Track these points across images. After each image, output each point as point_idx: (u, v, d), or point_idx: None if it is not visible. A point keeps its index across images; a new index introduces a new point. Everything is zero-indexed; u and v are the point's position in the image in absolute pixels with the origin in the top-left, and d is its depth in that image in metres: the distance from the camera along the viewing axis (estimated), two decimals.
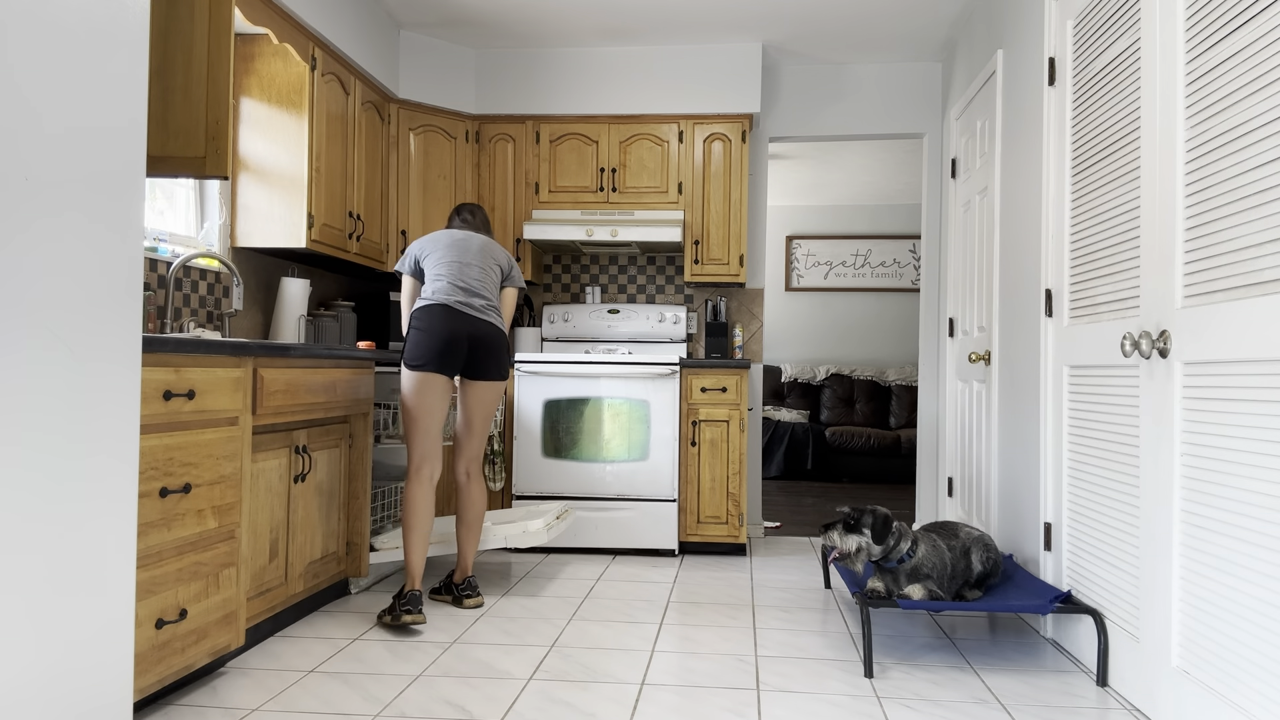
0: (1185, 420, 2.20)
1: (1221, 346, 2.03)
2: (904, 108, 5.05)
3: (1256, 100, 1.93)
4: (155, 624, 2.24)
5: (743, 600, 3.58)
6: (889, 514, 2.94)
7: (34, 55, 1.57)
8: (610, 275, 5.20)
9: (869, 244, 8.67)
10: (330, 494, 3.29)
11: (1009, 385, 3.58)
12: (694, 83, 4.76)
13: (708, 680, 2.64)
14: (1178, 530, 2.23)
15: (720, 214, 4.77)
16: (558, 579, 3.89)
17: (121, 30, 1.78)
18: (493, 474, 4.42)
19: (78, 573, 1.69)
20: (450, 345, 3.24)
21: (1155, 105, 2.37)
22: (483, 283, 3.37)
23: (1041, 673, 2.75)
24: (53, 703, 1.64)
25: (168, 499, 2.28)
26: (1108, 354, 2.65)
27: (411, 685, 2.56)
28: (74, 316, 1.67)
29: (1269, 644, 1.86)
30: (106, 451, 1.76)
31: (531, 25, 4.55)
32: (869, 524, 2.90)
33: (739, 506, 4.39)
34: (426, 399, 3.25)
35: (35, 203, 1.58)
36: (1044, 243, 3.17)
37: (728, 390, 4.40)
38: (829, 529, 2.96)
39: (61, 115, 1.64)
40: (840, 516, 2.96)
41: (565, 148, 4.84)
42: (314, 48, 3.76)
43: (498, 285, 3.46)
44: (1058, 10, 3.14)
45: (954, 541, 3.00)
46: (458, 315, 3.26)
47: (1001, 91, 3.73)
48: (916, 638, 3.10)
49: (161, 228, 3.45)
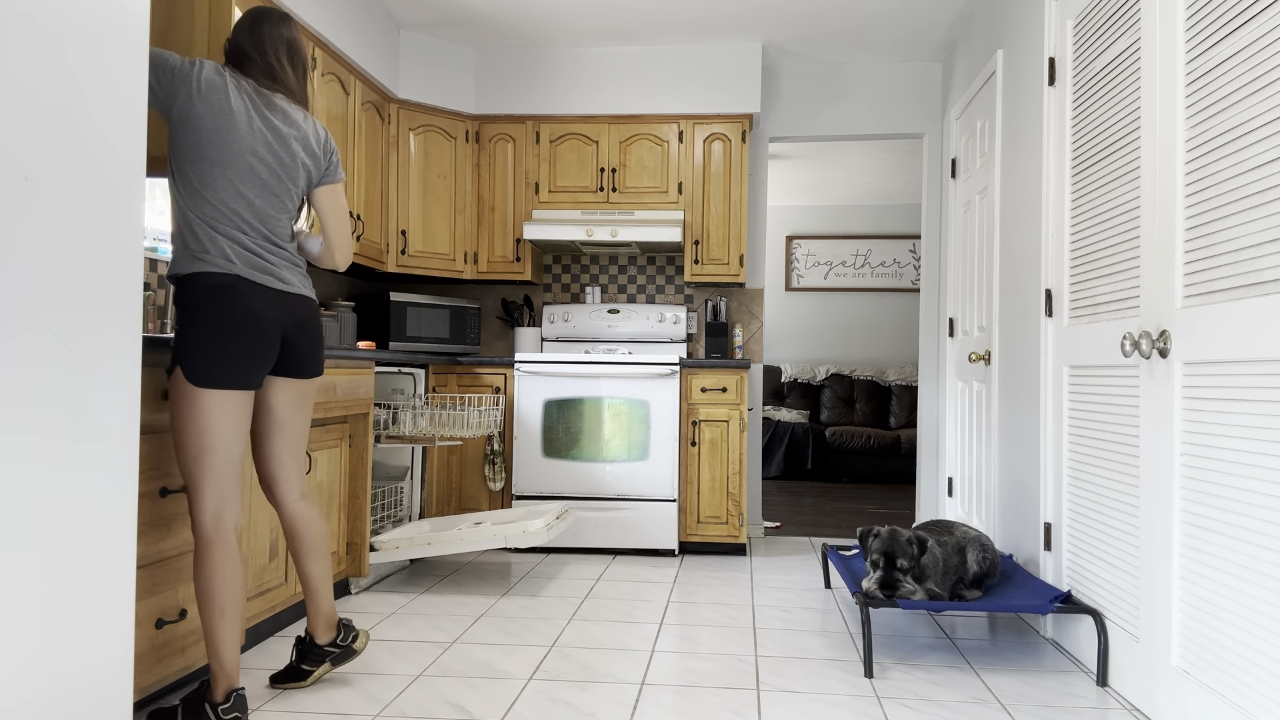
0: (1185, 420, 2.20)
1: (1221, 346, 2.03)
2: (904, 108, 5.05)
3: (1256, 100, 1.93)
4: (155, 624, 2.24)
5: (743, 600, 3.58)
6: (921, 536, 2.89)
7: (34, 55, 1.57)
8: (610, 275, 5.20)
9: (869, 244, 8.67)
10: (330, 494, 3.29)
11: (1009, 385, 3.58)
12: (694, 83, 4.76)
13: (708, 680, 2.64)
14: (1178, 530, 2.23)
15: (720, 214, 4.77)
16: (558, 579, 3.89)
17: (121, 30, 1.78)
18: (492, 474, 4.42)
19: (78, 572, 1.69)
20: (262, 346, 2.23)
21: (1155, 105, 2.37)
22: (286, 215, 2.35)
23: (1041, 673, 2.75)
24: (52, 703, 1.64)
25: (168, 499, 2.28)
26: (1108, 354, 2.65)
27: (411, 685, 2.56)
28: (74, 316, 1.67)
29: (1269, 644, 1.86)
30: (107, 451, 1.76)
31: (531, 25, 4.55)
32: (917, 556, 2.82)
33: (739, 506, 4.39)
34: (226, 423, 2.18)
35: (35, 203, 1.58)
36: (1044, 243, 3.17)
37: (728, 390, 4.40)
38: (894, 590, 2.78)
39: (61, 115, 1.63)
40: (893, 566, 2.79)
41: (565, 148, 4.84)
42: (314, 48, 3.76)
43: (302, 197, 2.41)
44: (1058, 10, 3.14)
45: (947, 538, 3.00)
46: (265, 295, 2.24)
47: (1001, 91, 3.73)
48: (916, 638, 3.10)
49: (161, 228, 3.45)
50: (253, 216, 2.25)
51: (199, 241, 2.19)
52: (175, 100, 2.19)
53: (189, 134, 2.20)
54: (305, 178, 2.39)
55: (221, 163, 2.21)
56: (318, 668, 2.51)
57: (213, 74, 2.23)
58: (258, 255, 2.25)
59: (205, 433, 2.16)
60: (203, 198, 2.20)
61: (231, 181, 2.22)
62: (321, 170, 2.44)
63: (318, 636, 2.51)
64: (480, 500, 4.50)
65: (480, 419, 4.16)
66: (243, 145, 2.23)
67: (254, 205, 2.25)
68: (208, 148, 2.20)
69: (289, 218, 2.37)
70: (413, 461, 4.27)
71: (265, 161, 2.27)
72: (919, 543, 2.86)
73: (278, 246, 2.31)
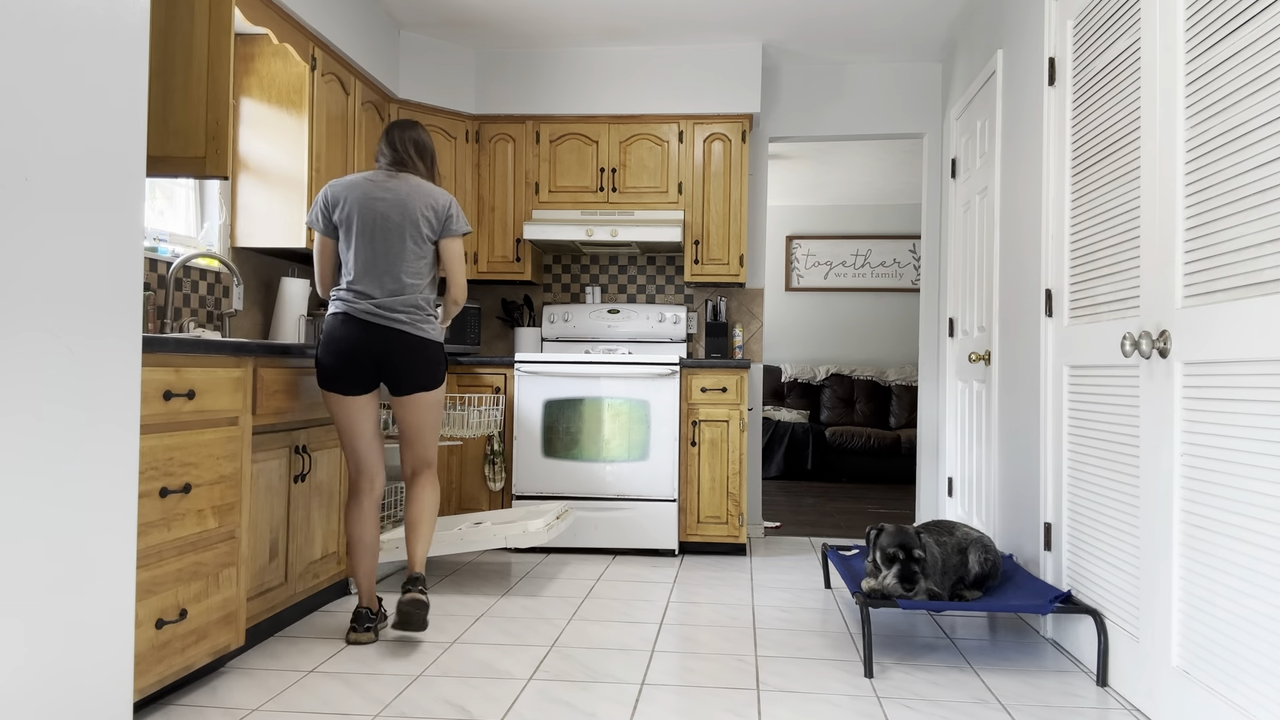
0: (1185, 420, 2.20)
1: (1221, 346, 2.03)
2: (904, 108, 5.05)
3: (1256, 100, 1.93)
4: (155, 624, 2.24)
5: (743, 600, 3.58)
6: (919, 532, 2.90)
7: (34, 55, 1.57)
8: (610, 275, 5.20)
9: (869, 244, 8.67)
10: (330, 494, 3.29)
11: (1009, 385, 3.58)
12: (694, 83, 4.76)
13: (708, 680, 2.64)
14: (1178, 530, 2.23)
15: (720, 214, 4.77)
16: (558, 579, 3.89)
17: (121, 30, 1.78)
18: (493, 474, 4.42)
19: (78, 572, 1.69)
20: (352, 364, 2.89)
21: (1155, 105, 2.37)
22: (401, 266, 2.93)
23: (1041, 673, 2.75)
24: (52, 702, 1.64)
25: (168, 499, 2.28)
26: (1108, 354, 2.65)
27: (411, 685, 2.56)
28: (74, 316, 1.67)
29: (1269, 644, 1.86)
30: (107, 451, 1.76)
31: (531, 25, 4.55)
32: (925, 559, 2.82)
33: (739, 506, 4.39)
34: (341, 416, 2.96)
35: (35, 203, 1.58)
36: (1044, 243, 3.17)
37: (728, 390, 4.40)
38: (913, 584, 2.76)
39: (61, 115, 1.63)
40: (912, 560, 2.78)
41: (565, 148, 4.84)
42: (314, 48, 3.76)
43: (429, 251, 3.00)
44: (1058, 10, 3.14)
45: (947, 539, 3.00)
46: (363, 326, 2.89)
47: (1001, 91, 3.73)
48: (916, 638, 3.10)
49: (161, 228, 3.45)
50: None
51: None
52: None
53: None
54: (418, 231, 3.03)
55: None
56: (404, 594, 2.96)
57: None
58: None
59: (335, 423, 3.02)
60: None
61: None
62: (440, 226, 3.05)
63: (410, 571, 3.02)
64: (480, 500, 4.50)
65: (480, 419, 4.16)
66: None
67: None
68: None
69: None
70: None
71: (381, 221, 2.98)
72: (920, 536, 2.87)
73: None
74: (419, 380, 2.98)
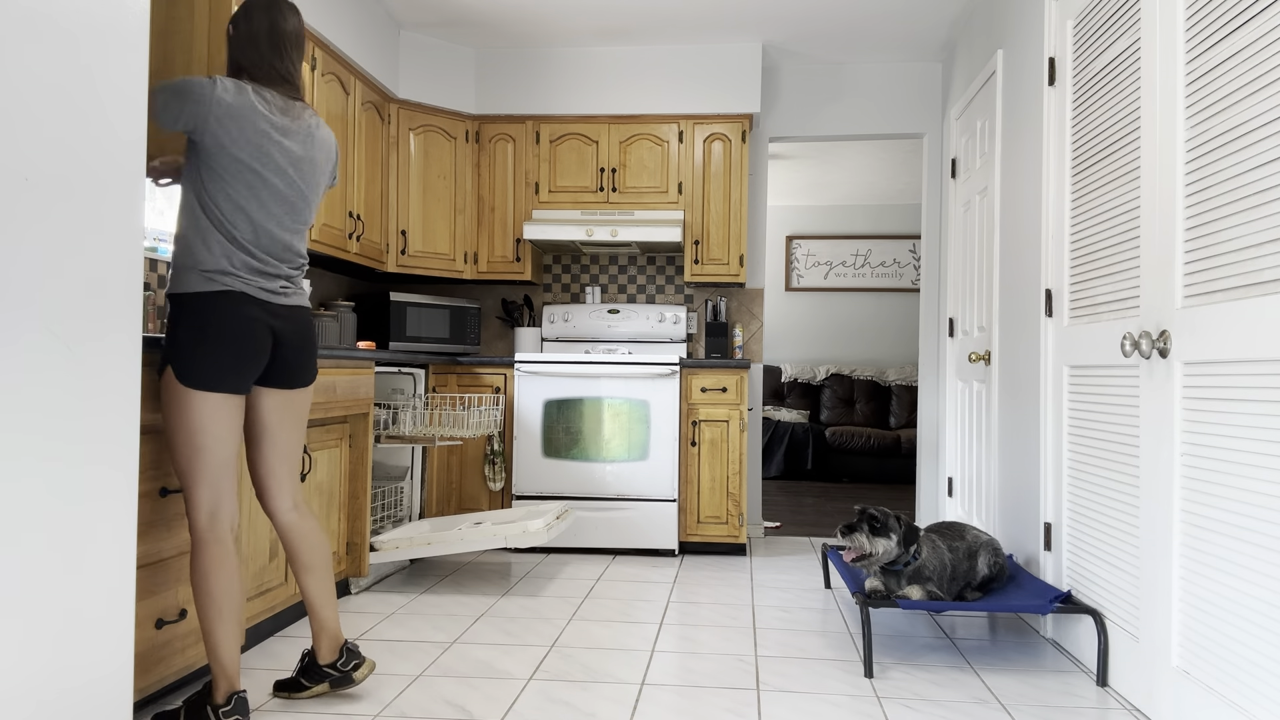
0: (1185, 420, 2.20)
1: (1221, 346, 2.03)
2: (904, 108, 5.05)
3: (1256, 100, 1.93)
4: (155, 624, 2.24)
5: (743, 600, 3.58)
6: (910, 520, 2.94)
7: (34, 56, 1.57)
8: (610, 275, 5.20)
9: (869, 244, 8.67)
10: (330, 494, 3.29)
11: (1009, 385, 3.58)
12: (694, 83, 4.76)
13: (708, 680, 2.64)
14: (1178, 530, 2.23)
15: (720, 214, 4.77)
16: (558, 579, 3.89)
17: (121, 30, 1.78)
18: (493, 474, 4.42)
19: (77, 572, 1.69)
20: (255, 353, 2.21)
21: (1155, 105, 2.37)
22: (302, 228, 2.35)
23: (1041, 673, 2.75)
24: (52, 702, 1.64)
25: (168, 499, 2.28)
26: (1108, 354, 2.65)
27: (411, 685, 2.56)
28: (74, 316, 1.67)
29: (1269, 644, 1.86)
30: (107, 451, 1.76)
31: (531, 25, 4.55)
32: (897, 529, 2.87)
33: (739, 506, 4.39)
34: (219, 425, 2.17)
35: (35, 203, 1.58)
36: (1044, 243, 3.17)
37: (728, 390, 4.40)
38: (852, 530, 2.88)
39: (61, 116, 1.63)
40: (865, 517, 2.89)
41: (565, 148, 4.84)
42: (314, 47, 3.76)
43: (316, 208, 2.43)
44: (1058, 10, 3.14)
45: (958, 543, 2.99)
46: (262, 307, 2.22)
47: (1001, 91, 3.73)
48: (916, 638, 3.09)
49: (161, 228, 3.45)
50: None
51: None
52: (200, 129, 2.15)
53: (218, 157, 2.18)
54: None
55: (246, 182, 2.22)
56: (314, 686, 2.43)
57: (234, 94, 2.18)
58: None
59: (198, 433, 2.15)
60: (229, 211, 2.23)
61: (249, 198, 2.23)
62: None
63: (320, 655, 2.42)
64: (480, 500, 4.50)
65: (480, 419, 4.16)
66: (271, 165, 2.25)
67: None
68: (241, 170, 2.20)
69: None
70: (413, 461, 4.27)
71: (291, 181, 2.30)
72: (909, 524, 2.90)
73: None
74: (312, 368, 2.41)
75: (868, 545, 2.85)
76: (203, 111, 2.13)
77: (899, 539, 2.85)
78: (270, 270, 2.25)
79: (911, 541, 2.87)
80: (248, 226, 2.20)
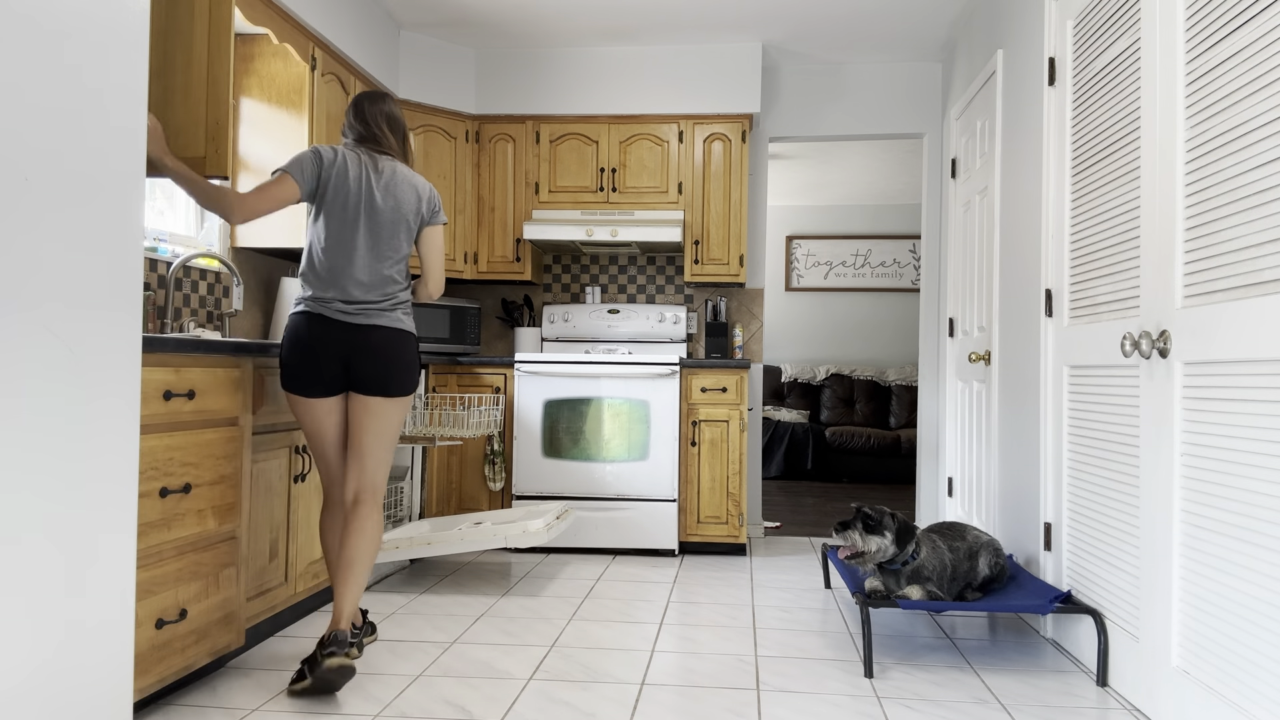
0: (1185, 420, 2.20)
1: (1221, 346, 2.03)
2: (904, 108, 5.05)
3: (1256, 100, 1.93)
4: (155, 624, 2.24)
5: (743, 600, 3.58)
6: (907, 519, 2.94)
7: (34, 56, 1.57)
8: (610, 275, 5.20)
9: (869, 244, 8.67)
10: None
11: (1009, 385, 3.58)
12: (694, 83, 4.76)
13: (708, 680, 2.64)
14: (1178, 530, 2.23)
15: (720, 214, 4.77)
16: (558, 579, 3.89)
17: (121, 30, 1.78)
18: (493, 474, 4.42)
19: (78, 572, 1.69)
20: (321, 364, 2.60)
21: (1155, 105, 2.37)
22: (383, 261, 2.68)
23: (1041, 673, 2.75)
24: (52, 702, 1.64)
25: (168, 499, 2.28)
26: (1108, 354, 2.65)
27: (411, 685, 2.56)
28: (74, 316, 1.67)
29: (1269, 644, 1.86)
30: (107, 452, 1.76)
31: (531, 25, 4.55)
32: (891, 526, 2.87)
33: (739, 506, 4.39)
34: (307, 421, 2.67)
35: (35, 203, 1.58)
36: (1044, 243, 3.17)
37: (728, 390, 4.40)
38: (846, 528, 2.89)
39: (61, 115, 1.63)
40: (860, 515, 2.90)
41: (565, 148, 4.84)
42: (314, 48, 3.76)
43: (410, 242, 2.78)
44: (1058, 10, 3.14)
45: (959, 543, 2.99)
46: (336, 326, 2.61)
47: (1001, 91, 3.73)
48: (916, 638, 3.10)
49: (161, 228, 3.45)
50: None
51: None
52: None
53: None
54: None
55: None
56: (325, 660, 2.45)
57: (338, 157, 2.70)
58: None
59: (301, 425, 2.72)
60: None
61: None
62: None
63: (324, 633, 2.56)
64: (480, 500, 4.50)
65: (480, 419, 4.16)
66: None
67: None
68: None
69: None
70: (413, 461, 4.27)
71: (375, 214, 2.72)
72: (903, 523, 2.89)
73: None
74: (385, 381, 2.68)
75: (861, 543, 2.86)
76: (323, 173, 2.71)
77: (894, 537, 2.85)
78: (346, 297, 2.65)
79: (907, 540, 2.87)
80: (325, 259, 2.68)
